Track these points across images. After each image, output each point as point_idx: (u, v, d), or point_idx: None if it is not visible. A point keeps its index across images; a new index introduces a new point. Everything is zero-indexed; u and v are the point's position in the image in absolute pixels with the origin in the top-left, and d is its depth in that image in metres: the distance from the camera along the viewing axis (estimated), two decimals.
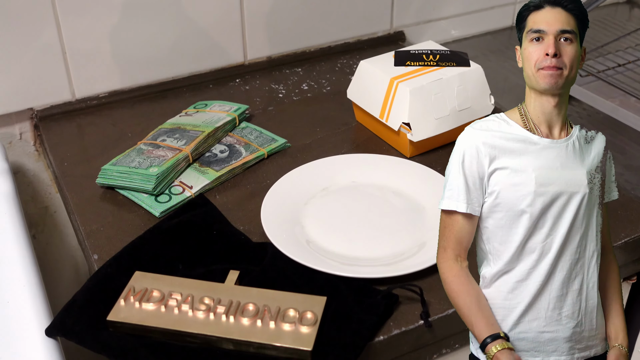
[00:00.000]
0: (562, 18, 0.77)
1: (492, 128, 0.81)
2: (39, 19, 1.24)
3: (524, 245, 0.79)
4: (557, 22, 0.77)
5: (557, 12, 0.77)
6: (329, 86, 1.43)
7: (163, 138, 1.17)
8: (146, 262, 0.96)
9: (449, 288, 0.82)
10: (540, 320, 0.80)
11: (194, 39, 1.39)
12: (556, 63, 0.76)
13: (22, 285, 0.94)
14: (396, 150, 1.22)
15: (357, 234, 1.03)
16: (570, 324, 0.81)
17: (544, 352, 0.81)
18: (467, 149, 0.80)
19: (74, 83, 1.32)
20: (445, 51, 1.26)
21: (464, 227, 0.81)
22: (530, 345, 0.81)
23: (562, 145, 0.79)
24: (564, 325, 0.81)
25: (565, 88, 0.78)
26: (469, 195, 0.79)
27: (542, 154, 0.79)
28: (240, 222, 1.05)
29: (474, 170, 0.79)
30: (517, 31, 0.81)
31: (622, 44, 1.64)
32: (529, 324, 0.80)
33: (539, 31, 0.77)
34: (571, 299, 0.80)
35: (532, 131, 0.80)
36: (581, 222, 0.79)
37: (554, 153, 0.79)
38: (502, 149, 0.79)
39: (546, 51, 0.76)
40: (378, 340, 0.87)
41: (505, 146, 0.79)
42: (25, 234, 1.04)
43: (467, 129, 0.81)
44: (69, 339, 0.86)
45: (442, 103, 1.18)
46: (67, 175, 1.17)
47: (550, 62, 0.76)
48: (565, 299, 0.80)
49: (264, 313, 0.85)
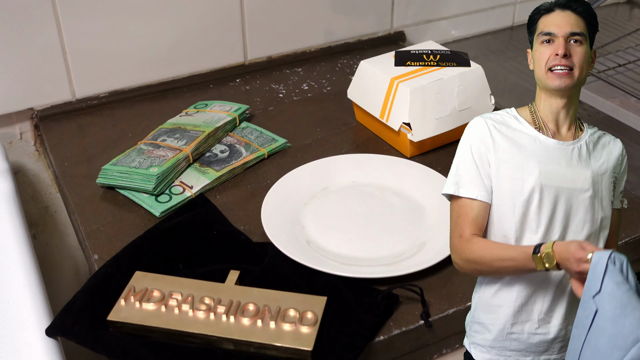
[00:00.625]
0: (572, 21, 0.78)
1: (502, 121, 0.81)
2: (39, 19, 1.24)
3: (519, 242, 0.78)
4: (567, 25, 0.78)
5: (567, 15, 0.79)
6: (329, 86, 1.43)
7: (163, 138, 1.17)
8: (146, 262, 0.96)
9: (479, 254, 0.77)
10: (533, 322, 0.80)
11: (194, 39, 1.39)
12: (566, 62, 0.77)
13: (22, 285, 0.94)
14: (396, 150, 1.22)
15: (357, 234, 1.03)
16: (563, 325, 0.80)
17: (535, 353, 0.81)
18: (477, 136, 0.80)
19: (74, 83, 1.32)
20: (445, 51, 1.26)
21: (480, 213, 0.79)
22: (522, 346, 0.81)
23: (569, 147, 0.79)
24: (557, 327, 0.80)
25: (575, 89, 0.79)
26: (481, 181, 0.79)
27: (547, 152, 0.79)
28: (241, 222, 1.05)
29: (483, 158, 0.79)
30: (529, 34, 0.82)
31: (622, 44, 1.64)
32: (521, 325, 0.80)
33: (549, 34, 0.78)
34: (565, 301, 0.80)
35: (541, 130, 0.80)
36: (579, 224, 0.79)
37: (559, 153, 0.79)
38: (509, 142, 0.79)
39: (556, 51, 0.77)
40: (378, 340, 0.87)
41: (512, 140, 0.79)
42: (26, 234, 1.04)
43: (476, 118, 0.82)
44: (69, 339, 0.86)
45: (442, 103, 1.18)
46: (68, 175, 1.17)
47: (560, 62, 0.77)
48: (558, 301, 0.80)
49: (264, 313, 0.85)
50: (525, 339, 0.81)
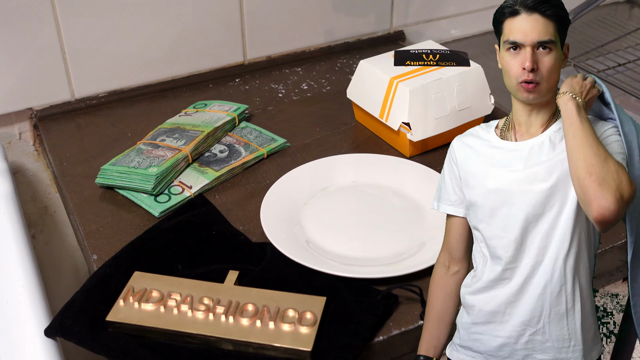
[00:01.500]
0: (540, 27, 0.72)
1: (474, 134, 0.82)
2: (38, 19, 1.24)
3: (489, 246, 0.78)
4: (534, 32, 0.72)
5: (534, 20, 0.72)
6: (328, 86, 1.43)
7: (162, 138, 1.17)
8: (145, 262, 0.96)
9: (428, 291, 0.87)
10: (496, 324, 0.78)
11: (193, 39, 1.39)
12: (532, 77, 0.73)
13: (21, 286, 0.94)
14: (396, 150, 1.21)
15: (357, 234, 1.03)
16: (528, 331, 0.77)
17: (498, 357, 0.80)
18: (450, 153, 0.84)
19: (73, 83, 1.32)
20: (445, 51, 1.26)
21: (452, 228, 0.85)
22: (483, 348, 0.80)
23: (527, 146, 0.77)
24: (520, 332, 0.77)
25: (544, 98, 0.76)
26: (448, 196, 0.84)
27: (503, 156, 0.78)
28: (240, 222, 1.05)
29: (453, 173, 0.83)
30: (495, 32, 0.78)
31: (622, 43, 1.64)
32: (483, 326, 0.80)
33: (515, 42, 0.74)
34: (529, 303, 0.77)
35: (505, 135, 0.79)
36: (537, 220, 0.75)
37: (516, 155, 0.77)
38: (471, 153, 0.81)
39: (523, 65, 0.73)
40: (378, 340, 0.87)
41: (474, 150, 0.81)
42: (25, 234, 1.04)
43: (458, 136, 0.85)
44: (68, 339, 0.85)
45: (442, 103, 1.17)
46: (67, 175, 1.17)
47: (527, 77, 0.73)
48: (520, 304, 0.77)
49: (264, 313, 0.85)
50: (486, 341, 0.80)
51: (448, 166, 0.84)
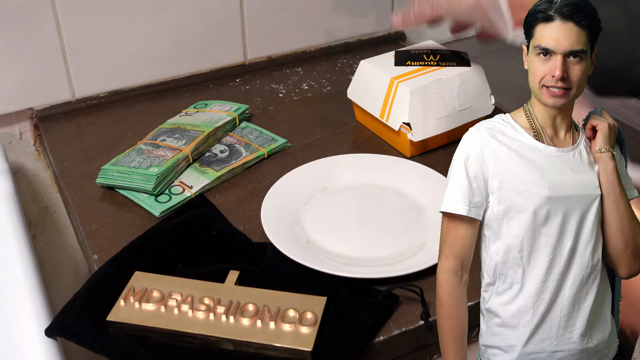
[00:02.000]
0: (573, 36, 0.71)
1: (499, 130, 0.77)
2: (38, 19, 1.24)
3: (530, 256, 0.75)
4: (567, 41, 0.71)
5: (568, 29, 0.71)
6: (329, 86, 1.43)
7: (163, 138, 1.17)
8: (146, 262, 0.96)
9: (440, 307, 0.77)
10: (552, 339, 0.76)
11: (194, 38, 1.39)
12: (562, 84, 0.72)
13: (21, 285, 0.94)
14: (396, 150, 1.21)
15: (357, 234, 1.03)
16: (583, 341, 0.77)
17: None
18: (472, 149, 0.76)
19: (73, 83, 1.32)
20: (445, 51, 1.26)
21: (467, 233, 0.76)
22: None
23: (569, 154, 0.76)
24: (576, 343, 0.77)
25: (570, 103, 0.75)
26: (472, 197, 0.75)
27: (550, 162, 0.75)
28: (240, 222, 1.05)
29: (478, 172, 0.75)
30: (525, 34, 0.75)
31: None
32: (540, 344, 0.76)
33: (546, 49, 0.72)
34: (583, 315, 0.76)
35: (539, 137, 0.76)
36: (590, 231, 0.75)
37: (562, 161, 0.76)
38: (508, 153, 0.75)
39: (552, 73, 0.72)
40: (378, 340, 0.87)
41: (512, 150, 0.75)
42: (25, 234, 1.04)
43: (472, 129, 0.78)
44: (69, 339, 0.85)
45: (443, 103, 1.17)
46: (67, 175, 1.17)
47: (556, 83, 0.72)
48: (577, 316, 0.76)
49: (264, 313, 0.85)
50: (544, 358, 0.77)
51: (472, 164, 0.76)
